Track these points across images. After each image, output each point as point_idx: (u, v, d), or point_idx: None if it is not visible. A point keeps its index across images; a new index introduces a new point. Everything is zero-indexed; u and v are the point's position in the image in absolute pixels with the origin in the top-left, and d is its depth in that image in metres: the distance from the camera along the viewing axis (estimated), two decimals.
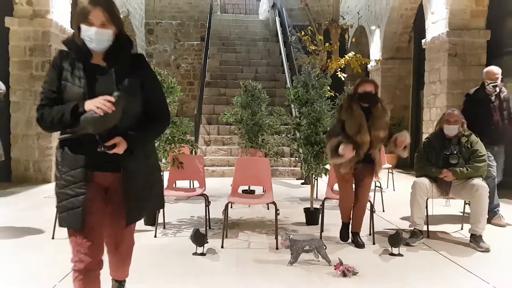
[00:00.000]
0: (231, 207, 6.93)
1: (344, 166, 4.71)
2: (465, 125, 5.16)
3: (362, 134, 4.55)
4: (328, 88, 6.15)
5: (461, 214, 6.15)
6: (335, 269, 4.12)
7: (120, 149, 2.42)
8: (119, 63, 2.49)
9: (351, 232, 5.03)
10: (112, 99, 2.32)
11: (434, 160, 5.13)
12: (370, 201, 5.07)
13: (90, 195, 2.45)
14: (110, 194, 2.58)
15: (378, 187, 6.98)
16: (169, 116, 2.62)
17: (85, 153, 2.44)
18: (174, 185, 5.96)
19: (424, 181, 5.10)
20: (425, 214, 5.19)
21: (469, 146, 5.05)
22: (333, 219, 6.14)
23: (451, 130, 5.11)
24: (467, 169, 4.96)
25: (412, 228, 5.13)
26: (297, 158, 6.18)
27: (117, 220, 2.62)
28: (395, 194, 8.35)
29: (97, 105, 2.30)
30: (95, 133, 2.37)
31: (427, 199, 5.14)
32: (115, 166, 2.48)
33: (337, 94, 6.74)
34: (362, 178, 4.83)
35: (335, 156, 4.60)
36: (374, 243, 5.00)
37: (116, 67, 2.48)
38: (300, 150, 6.02)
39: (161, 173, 3.12)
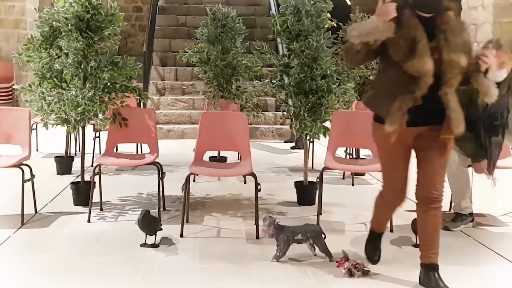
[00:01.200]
0: (194, 181, 6.92)
1: (391, 119, 3.58)
2: None
3: (421, 58, 3.49)
4: (329, 16, 6.06)
5: None
6: (338, 266, 4.11)
7: None
8: None
9: (422, 264, 3.87)
10: None
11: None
12: None
13: None
14: None
15: None
16: None
17: None
18: (114, 150, 5.93)
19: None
20: (470, 189, 5.22)
21: None
22: (335, 197, 6.14)
23: (498, 75, 5.01)
24: None
25: (452, 212, 5.20)
26: (285, 113, 6.19)
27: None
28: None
29: None
30: None
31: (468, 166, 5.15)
32: None
33: (341, 24, 6.65)
34: (429, 148, 3.69)
35: (361, 33, 3.60)
36: (391, 230, 5.05)
37: None
38: (290, 102, 6.01)
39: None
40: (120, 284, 3.90)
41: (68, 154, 7.51)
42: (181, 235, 4.85)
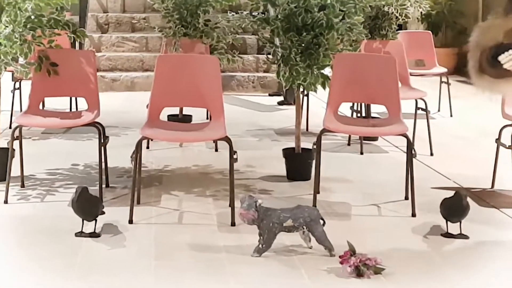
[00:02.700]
0: (148, 148, 6.95)
1: None
2: None
3: None
4: None
5: None
6: (341, 262, 4.09)
7: None
8: None
9: None
10: None
11: None
12: (407, 137, 5.13)
13: None
14: None
15: (422, 109, 7.09)
16: None
17: None
18: (40, 107, 5.99)
19: None
20: None
21: None
22: (338, 169, 6.21)
23: None
24: None
25: None
26: (270, 57, 6.18)
27: None
28: (453, 124, 8.52)
29: None
30: None
31: None
32: None
33: None
34: None
35: (487, 71, 4.02)
36: (413, 215, 5.11)
37: None
38: (277, 42, 6.01)
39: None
40: (49, 285, 3.90)
41: None
42: (130, 221, 4.86)
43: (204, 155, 6.83)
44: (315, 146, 5.32)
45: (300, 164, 6.04)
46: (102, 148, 5.41)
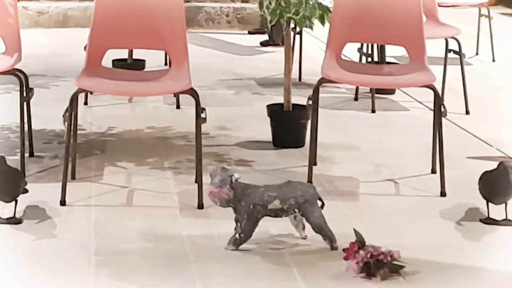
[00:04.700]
0: (86, 104, 7.01)
1: None
2: None
3: None
4: None
5: None
6: (346, 258, 4.04)
7: None
8: None
9: None
10: None
11: None
12: (434, 90, 5.16)
13: None
14: None
15: (454, 52, 7.12)
16: None
17: None
18: None
19: None
20: None
21: None
22: (341, 133, 6.29)
23: None
24: None
25: None
26: None
27: None
28: (495, 72, 8.65)
29: None
30: None
31: None
32: None
33: None
34: None
35: None
36: (443, 194, 5.17)
37: None
38: None
39: None
40: None
41: None
42: (63, 203, 4.87)
43: (161, 113, 6.88)
44: (310, 102, 5.34)
45: (290, 125, 6.06)
46: (25, 104, 5.39)
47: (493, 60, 8.94)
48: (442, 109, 5.31)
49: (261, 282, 3.96)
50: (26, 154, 5.42)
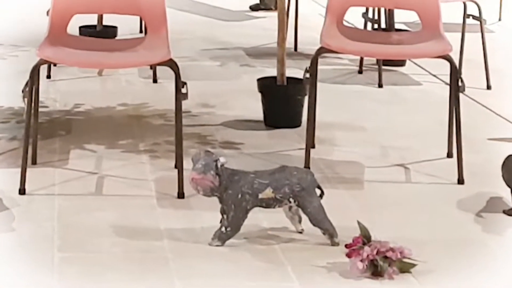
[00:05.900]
0: (49, 78, 7.03)
1: None
2: None
3: None
4: None
5: None
6: (349, 254, 4.09)
7: None
8: None
9: None
10: None
11: None
12: (451, 61, 5.19)
13: None
14: None
15: (474, 17, 7.16)
16: None
17: None
18: None
19: None
20: None
21: None
22: (343, 111, 6.35)
23: None
24: None
25: None
26: None
27: None
28: None
29: None
30: None
31: None
32: None
33: None
34: None
35: None
36: (461, 181, 5.24)
37: None
38: None
39: None
40: None
41: None
42: (22, 191, 4.91)
43: (136, 88, 6.91)
44: (308, 75, 5.36)
45: (284, 102, 6.07)
46: None
47: None
48: (460, 84, 5.32)
49: (250, 283, 3.95)
50: None
